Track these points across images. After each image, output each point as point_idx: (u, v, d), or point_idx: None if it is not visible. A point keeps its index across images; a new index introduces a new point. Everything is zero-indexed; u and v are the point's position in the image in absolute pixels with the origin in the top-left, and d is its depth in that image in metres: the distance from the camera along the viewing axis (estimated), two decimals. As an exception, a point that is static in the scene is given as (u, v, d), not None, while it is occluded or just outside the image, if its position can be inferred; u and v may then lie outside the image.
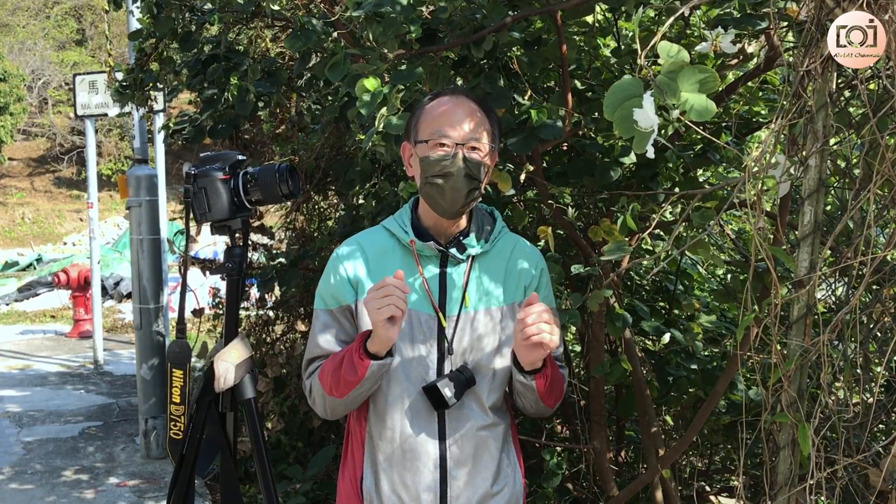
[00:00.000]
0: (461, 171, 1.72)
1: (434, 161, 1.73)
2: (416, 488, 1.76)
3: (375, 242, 1.85)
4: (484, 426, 1.80)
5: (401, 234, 1.81)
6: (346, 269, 1.81)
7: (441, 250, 1.79)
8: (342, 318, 1.82)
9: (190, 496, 2.36)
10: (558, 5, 2.21)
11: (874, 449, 1.67)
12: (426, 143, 1.75)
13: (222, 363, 2.25)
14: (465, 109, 1.76)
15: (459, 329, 1.78)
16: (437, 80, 2.28)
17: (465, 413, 1.78)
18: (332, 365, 1.75)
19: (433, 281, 1.79)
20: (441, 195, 1.74)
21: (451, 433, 1.77)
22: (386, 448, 1.78)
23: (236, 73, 2.90)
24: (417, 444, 1.76)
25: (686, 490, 3.19)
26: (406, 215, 1.84)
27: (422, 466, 1.76)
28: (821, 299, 1.84)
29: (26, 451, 5.23)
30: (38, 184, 19.82)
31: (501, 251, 1.85)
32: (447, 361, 1.77)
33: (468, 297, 1.79)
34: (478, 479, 1.79)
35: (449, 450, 1.77)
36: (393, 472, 1.77)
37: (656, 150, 1.52)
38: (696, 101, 1.43)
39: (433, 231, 1.81)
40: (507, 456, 1.86)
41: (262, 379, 4.33)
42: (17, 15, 21.14)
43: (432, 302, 1.77)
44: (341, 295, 1.81)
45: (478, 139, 1.75)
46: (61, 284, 8.98)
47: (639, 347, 3.07)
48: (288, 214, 4.75)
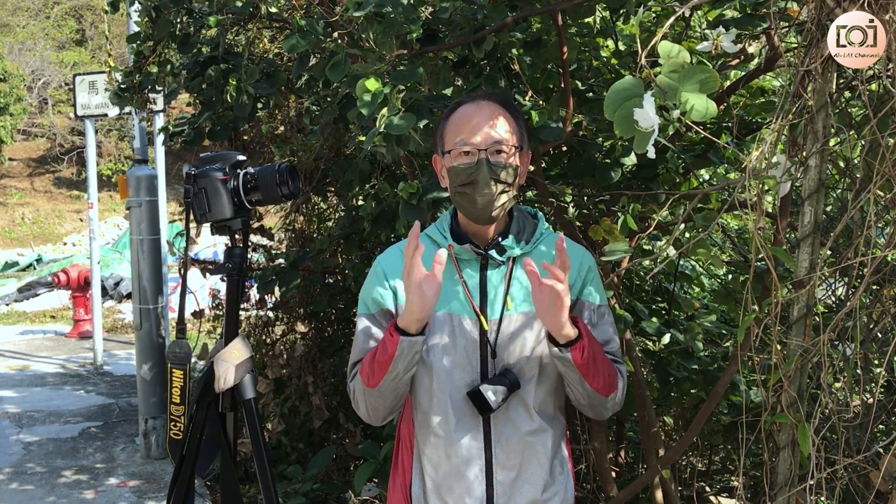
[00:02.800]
0: (486, 176, 1.70)
1: (459, 170, 1.73)
2: (461, 493, 1.75)
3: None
4: (531, 431, 1.77)
5: (440, 239, 1.81)
6: (386, 273, 1.82)
7: (480, 253, 1.78)
8: (383, 320, 1.81)
9: (190, 496, 2.36)
10: (559, 6, 2.21)
11: (874, 449, 1.67)
12: (451, 153, 1.75)
13: (222, 364, 2.25)
14: (486, 113, 1.75)
15: (502, 332, 1.75)
16: (437, 81, 2.28)
17: (511, 417, 1.75)
18: (370, 356, 1.75)
19: (473, 284, 1.77)
20: (471, 203, 1.73)
21: (496, 438, 1.75)
22: (432, 454, 1.78)
23: (234, 74, 2.90)
24: (463, 450, 1.75)
25: (686, 490, 3.19)
26: (446, 221, 1.84)
27: (468, 472, 1.74)
28: (821, 299, 1.84)
29: (26, 452, 5.23)
30: (38, 184, 19.82)
31: (544, 252, 1.81)
32: (490, 365, 1.75)
33: (510, 299, 1.76)
34: (526, 485, 1.76)
35: (495, 455, 1.75)
36: (439, 478, 1.77)
37: (657, 151, 1.51)
38: (697, 102, 1.43)
39: (472, 235, 1.80)
40: (560, 463, 1.83)
41: (262, 380, 4.34)
42: (17, 15, 21.15)
43: (473, 306, 1.76)
44: (381, 298, 1.81)
45: (501, 142, 1.73)
46: (61, 285, 8.98)
47: (639, 348, 3.07)
48: (287, 215, 4.75)
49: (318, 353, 4.39)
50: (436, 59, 2.27)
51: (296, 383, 4.37)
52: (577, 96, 2.61)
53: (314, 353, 4.38)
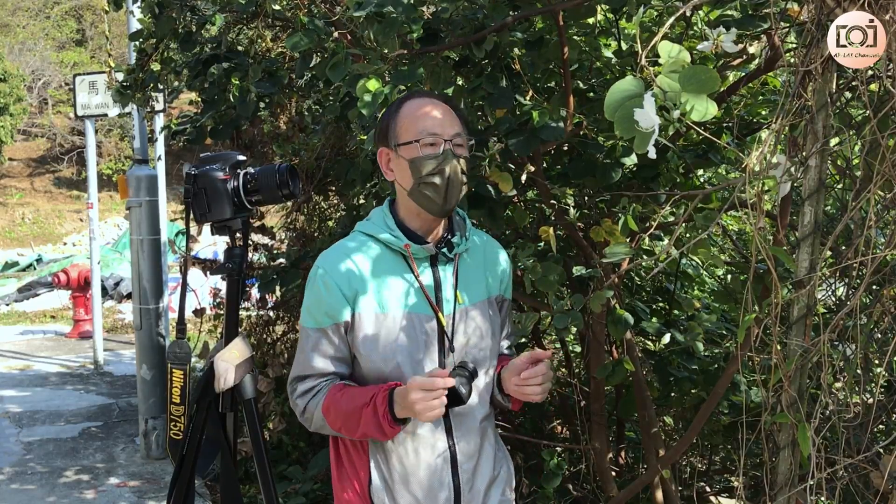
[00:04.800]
0: (455, 167, 1.75)
1: (425, 160, 1.74)
2: (431, 487, 1.79)
3: (363, 251, 1.81)
4: (484, 417, 1.87)
5: (390, 238, 1.79)
6: (340, 283, 1.77)
7: (434, 251, 1.82)
8: (335, 335, 1.79)
9: (190, 496, 2.36)
10: (560, 5, 2.21)
11: (874, 449, 1.67)
12: (415, 143, 1.75)
13: (222, 363, 2.25)
14: (443, 108, 1.80)
15: (457, 326, 1.82)
16: (437, 81, 2.28)
17: (470, 407, 1.81)
18: (347, 409, 1.74)
19: (428, 282, 1.81)
20: (438, 194, 1.75)
21: (457, 428, 1.82)
22: (398, 449, 1.79)
23: (237, 73, 2.90)
24: (428, 442, 1.79)
25: (686, 490, 3.19)
26: (390, 220, 1.82)
27: (434, 463, 1.80)
28: (821, 300, 1.84)
29: (26, 452, 5.23)
30: (38, 184, 19.83)
31: (476, 246, 1.91)
32: (448, 359, 1.81)
33: (460, 293, 1.83)
34: (483, 468, 1.86)
35: (458, 444, 1.81)
36: (407, 474, 1.79)
37: (657, 151, 1.51)
38: (697, 102, 1.43)
39: (421, 232, 1.82)
40: (497, 439, 1.96)
41: (263, 379, 4.34)
42: (17, 15, 21.16)
43: (430, 302, 1.80)
44: (336, 312, 1.77)
45: (459, 134, 1.79)
46: (61, 285, 8.97)
47: (639, 348, 3.07)
48: (288, 215, 4.75)
49: (319, 352, 4.38)
50: (436, 58, 2.27)
51: (296, 383, 4.36)
52: (577, 96, 2.61)
53: (314, 352, 4.37)
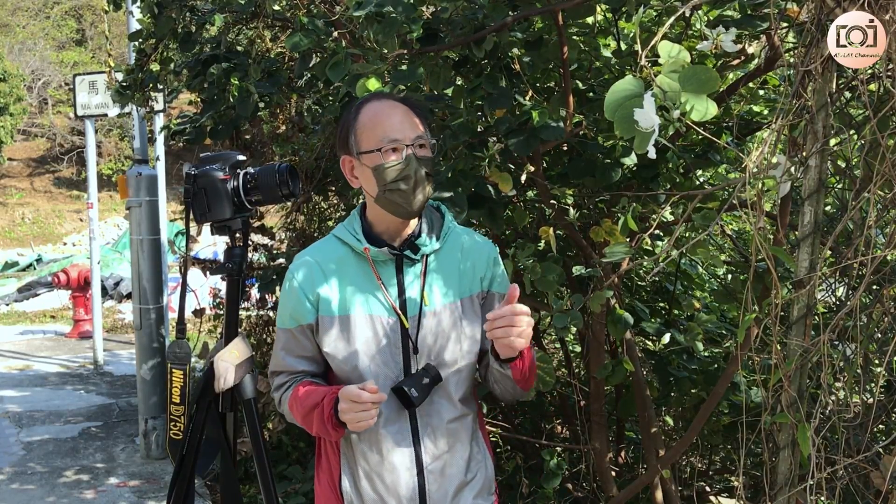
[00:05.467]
0: (419, 171, 1.74)
1: (391, 167, 1.74)
2: (394, 486, 1.80)
3: (329, 254, 1.86)
4: (454, 418, 1.85)
5: (353, 242, 1.82)
6: (303, 287, 1.84)
7: (395, 253, 1.81)
8: (301, 336, 1.86)
9: (190, 496, 2.36)
10: (559, 5, 2.21)
11: (874, 449, 1.67)
12: (377, 151, 1.75)
13: (222, 363, 2.25)
14: (401, 111, 1.78)
15: (422, 328, 1.81)
16: (437, 80, 2.28)
17: (436, 409, 1.82)
18: (303, 408, 1.81)
19: (391, 284, 1.81)
20: (405, 199, 1.75)
21: (423, 429, 1.82)
22: (363, 448, 1.82)
23: (237, 73, 2.90)
24: (392, 444, 1.80)
25: (686, 490, 3.19)
26: (356, 223, 1.85)
27: (398, 464, 1.80)
28: (821, 300, 1.84)
29: (26, 452, 5.23)
30: (38, 184, 19.82)
31: (453, 246, 1.88)
32: (413, 361, 1.80)
33: (426, 295, 1.81)
34: (452, 469, 1.84)
35: (424, 446, 1.81)
36: (371, 472, 1.82)
37: (657, 151, 1.51)
38: (697, 102, 1.43)
39: (386, 235, 1.83)
40: (477, 443, 1.91)
41: (262, 379, 4.33)
42: (17, 15, 21.15)
43: (392, 305, 1.80)
44: (300, 314, 1.84)
45: (421, 136, 1.77)
46: (61, 285, 8.97)
47: (639, 348, 3.07)
48: (288, 215, 4.75)
49: (319, 352, 4.38)
50: (436, 58, 2.27)
51: (296, 383, 4.36)
52: (577, 96, 2.61)
53: (314, 352, 4.37)
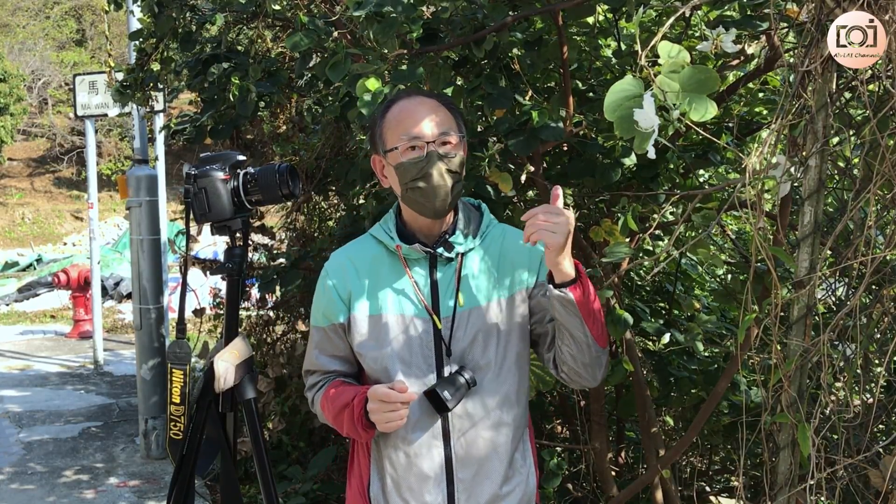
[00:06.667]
0: (440, 168, 1.69)
1: (410, 165, 1.70)
2: (422, 493, 1.74)
3: (364, 252, 1.83)
4: (490, 426, 1.75)
5: (387, 240, 1.78)
6: (336, 285, 1.81)
7: (428, 252, 1.76)
8: (333, 335, 1.82)
9: (190, 496, 2.36)
10: (559, 5, 2.21)
11: (874, 449, 1.67)
12: (396, 149, 1.72)
13: (222, 363, 2.25)
14: (426, 106, 1.74)
15: (456, 329, 1.74)
16: (437, 80, 2.28)
17: (469, 414, 1.74)
18: (335, 408, 1.78)
19: (424, 283, 1.76)
20: (426, 197, 1.71)
21: (455, 435, 1.74)
22: (391, 453, 1.77)
23: (237, 73, 2.90)
24: (422, 448, 1.74)
25: (686, 490, 3.19)
26: (391, 220, 1.82)
27: (428, 470, 1.74)
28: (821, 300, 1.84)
29: (26, 452, 5.23)
30: (38, 184, 19.82)
31: (492, 245, 1.81)
32: (446, 364, 1.74)
33: (461, 295, 1.75)
34: (486, 481, 1.75)
35: (454, 452, 1.74)
36: (399, 479, 1.76)
37: (657, 151, 1.51)
38: (697, 102, 1.43)
39: (419, 234, 1.79)
40: (522, 455, 1.81)
41: (263, 379, 4.34)
42: (17, 15, 21.14)
43: (425, 305, 1.75)
44: (332, 313, 1.81)
45: (446, 132, 1.72)
46: (61, 285, 8.97)
47: (639, 348, 3.07)
48: (288, 215, 4.75)
49: (319, 352, 4.39)
50: (436, 58, 2.27)
51: (296, 382, 4.37)
52: (577, 96, 2.61)
53: (314, 352, 4.37)
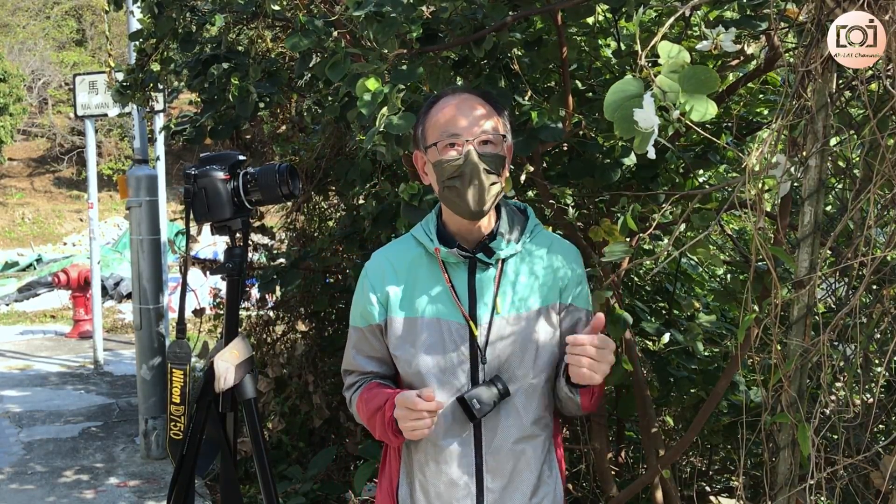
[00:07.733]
0: (477, 167, 1.64)
1: (447, 163, 1.66)
2: (451, 500, 1.72)
3: (403, 254, 1.79)
4: (522, 437, 1.73)
5: (427, 242, 1.74)
6: (374, 286, 1.78)
7: (467, 256, 1.72)
8: (370, 336, 1.80)
9: (190, 496, 2.37)
10: (559, 5, 2.21)
11: (874, 449, 1.67)
12: (436, 146, 1.69)
13: (222, 363, 2.25)
14: (470, 105, 1.70)
15: (492, 336, 1.70)
16: (437, 80, 2.28)
17: (502, 423, 1.71)
18: (368, 410, 1.76)
19: (462, 288, 1.72)
20: (461, 197, 1.66)
21: (487, 444, 1.71)
22: (421, 459, 1.75)
23: (237, 73, 2.90)
24: (452, 456, 1.71)
25: (686, 490, 3.19)
26: (432, 222, 1.77)
27: (457, 479, 1.71)
28: (821, 300, 1.84)
29: (26, 452, 5.23)
30: (38, 184, 19.82)
31: (535, 252, 1.76)
32: (481, 371, 1.70)
33: (499, 302, 1.71)
34: (516, 492, 1.73)
35: (485, 462, 1.71)
36: (428, 484, 1.73)
37: (657, 151, 1.51)
38: (697, 102, 1.43)
39: (459, 236, 1.74)
40: (549, 467, 1.79)
41: (262, 379, 4.34)
42: (17, 15, 21.14)
43: (462, 310, 1.71)
44: (369, 314, 1.78)
45: (488, 131, 1.67)
46: (61, 285, 8.97)
47: (639, 348, 3.07)
48: (288, 215, 4.75)
49: (319, 352, 4.40)
50: (436, 58, 2.27)
51: (296, 382, 4.37)
52: (576, 96, 2.61)
53: (315, 352, 4.38)
